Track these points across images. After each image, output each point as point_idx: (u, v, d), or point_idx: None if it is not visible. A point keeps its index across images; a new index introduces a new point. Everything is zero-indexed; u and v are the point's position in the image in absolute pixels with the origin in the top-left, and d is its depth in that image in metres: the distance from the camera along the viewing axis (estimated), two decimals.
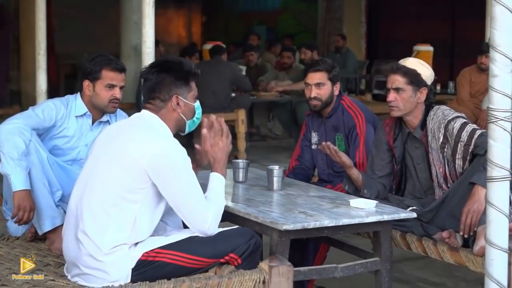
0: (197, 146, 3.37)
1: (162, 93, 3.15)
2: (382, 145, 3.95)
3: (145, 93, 3.19)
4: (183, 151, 3.04)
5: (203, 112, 3.32)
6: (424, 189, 3.88)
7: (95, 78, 3.72)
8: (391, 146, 3.93)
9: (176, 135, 3.27)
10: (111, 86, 3.72)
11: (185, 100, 3.19)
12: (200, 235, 3.07)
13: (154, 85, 3.16)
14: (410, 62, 3.82)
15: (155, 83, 3.16)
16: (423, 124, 3.79)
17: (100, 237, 2.95)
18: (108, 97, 3.73)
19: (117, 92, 3.74)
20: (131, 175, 2.97)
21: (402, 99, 3.76)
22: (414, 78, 3.75)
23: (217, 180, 3.25)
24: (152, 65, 3.26)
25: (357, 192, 3.93)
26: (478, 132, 3.55)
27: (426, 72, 3.81)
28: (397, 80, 3.77)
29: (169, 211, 3.19)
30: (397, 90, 3.76)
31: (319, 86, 4.25)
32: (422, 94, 3.78)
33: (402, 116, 3.82)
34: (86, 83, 3.74)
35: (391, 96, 3.78)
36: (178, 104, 3.16)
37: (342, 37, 12.98)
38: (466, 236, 3.44)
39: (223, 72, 8.59)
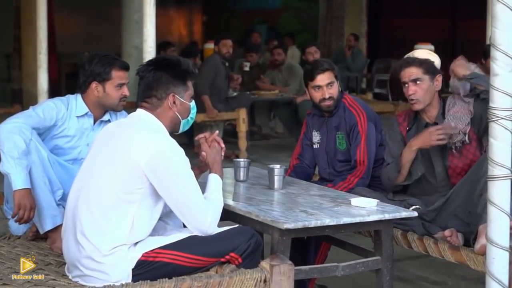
0: (202, 153, 3.38)
1: (159, 91, 3.14)
2: (397, 135, 3.97)
3: (141, 91, 3.17)
4: (180, 151, 3.03)
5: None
6: (437, 181, 3.86)
7: (105, 79, 3.71)
8: (403, 136, 3.94)
9: (177, 135, 3.28)
10: (121, 85, 3.74)
11: (182, 99, 3.18)
12: (200, 235, 3.06)
13: (151, 83, 3.15)
14: (420, 53, 3.88)
15: (152, 81, 3.15)
16: (444, 113, 3.82)
17: (98, 238, 2.94)
18: (119, 96, 3.75)
19: (126, 90, 3.77)
20: (129, 176, 2.96)
21: (422, 90, 3.79)
22: (429, 67, 3.81)
23: (215, 181, 3.26)
24: (149, 63, 3.24)
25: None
26: None
27: (437, 60, 3.88)
28: (414, 72, 3.79)
29: (169, 212, 3.19)
30: (415, 81, 3.78)
31: (330, 86, 4.25)
32: (438, 82, 3.83)
33: (422, 108, 3.84)
34: (94, 84, 3.72)
35: (411, 89, 3.79)
36: (174, 102, 3.15)
37: (355, 37, 13.11)
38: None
39: None
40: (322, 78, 4.24)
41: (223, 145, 3.43)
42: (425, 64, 3.80)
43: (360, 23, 15.82)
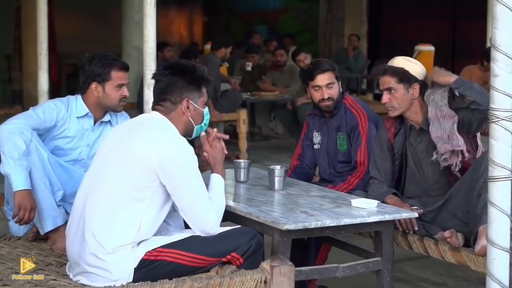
0: (204, 154, 3.38)
1: (174, 95, 3.17)
2: (383, 143, 3.96)
3: (156, 94, 3.22)
4: (190, 150, 3.05)
5: None
6: (429, 185, 3.85)
7: (104, 79, 3.71)
8: (391, 143, 3.94)
9: None
10: (121, 86, 3.74)
11: (195, 105, 3.21)
12: (202, 235, 3.07)
13: (166, 87, 3.18)
14: (397, 61, 3.89)
15: (167, 85, 3.18)
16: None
17: (105, 236, 2.96)
18: (118, 96, 3.75)
19: (125, 91, 3.77)
20: (140, 174, 2.99)
21: (396, 99, 3.81)
22: (403, 76, 3.80)
23: (218, 181, 3.27)
24: (165, 67, 3.28)
25: None
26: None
27: (415, 68, 3.85)
28: (387, 81, 3.83)
29: (171, 213, 3.20)
30: (389, 90, 3.81)
31: (330, 86, 4.24)
32: (415, 90, 3.82)
33: (401, 114, 3.84)
34: (93, 85, 3.72)
35: (385, 97, 3.85)
36: (188, 107, 3.18)
37: (358, 38, 13.15)
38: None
39: None
40: (322, 78, 4.24)
41: (226, 137, 3.42)
42: (399, 74, 3.80)
43: (361, 24, 15.82)
